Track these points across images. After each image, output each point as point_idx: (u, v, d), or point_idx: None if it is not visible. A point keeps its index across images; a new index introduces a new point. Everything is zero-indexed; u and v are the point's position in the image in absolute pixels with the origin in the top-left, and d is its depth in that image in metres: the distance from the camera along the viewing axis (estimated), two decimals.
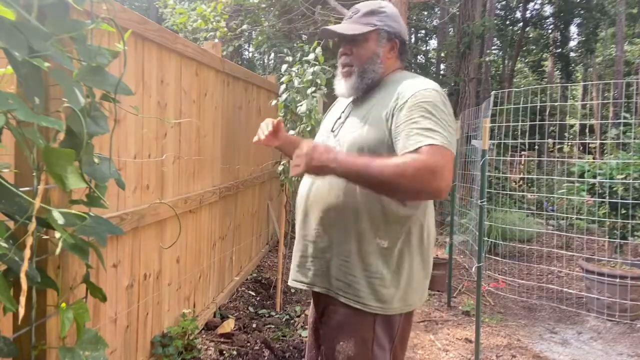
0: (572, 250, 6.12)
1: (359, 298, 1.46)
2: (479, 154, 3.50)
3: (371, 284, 1.45)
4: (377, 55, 1.56)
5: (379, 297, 1.45)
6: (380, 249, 1.46)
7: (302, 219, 1.62)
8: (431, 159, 1.27)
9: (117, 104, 1.05)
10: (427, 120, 1.35)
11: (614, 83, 10.85)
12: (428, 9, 16.92)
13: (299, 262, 1.62)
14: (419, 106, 1.37)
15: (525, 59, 19.76)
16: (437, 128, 1.33)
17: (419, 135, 1.32)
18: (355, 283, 1.47)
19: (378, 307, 1.46)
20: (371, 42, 1.56)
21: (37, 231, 0.90)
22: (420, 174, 1.25)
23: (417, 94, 1.40)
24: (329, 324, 1.55)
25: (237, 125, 3.91)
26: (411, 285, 1.50)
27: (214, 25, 6.18)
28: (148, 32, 2.27)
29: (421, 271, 1.54)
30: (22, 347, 0.98)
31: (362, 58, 1.56)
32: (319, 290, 1.56)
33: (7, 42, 0.77)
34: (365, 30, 1.53)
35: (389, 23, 1.57)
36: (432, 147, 1.29)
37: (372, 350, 1.47)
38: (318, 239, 1.54)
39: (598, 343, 3.59)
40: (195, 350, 2.74)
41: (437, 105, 1.38)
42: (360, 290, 1.46)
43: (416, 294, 1.53)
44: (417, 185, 1.26)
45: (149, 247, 2.44)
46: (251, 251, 4.70)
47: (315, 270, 1.56)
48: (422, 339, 3.51)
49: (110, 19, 1.01)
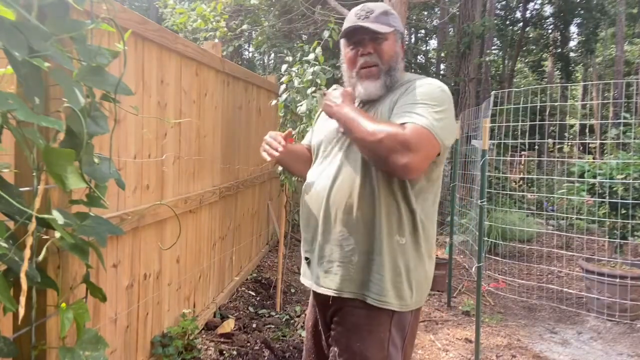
0: (572, 250, 6.12)
1: (382, 297, 1.46)
2: (479, 154, 3.50)
3: (393, 281, 1.47)
4: (398, 54, 1.59)
5: (399, 294, 1.47)
6: (400, 246, 1.48)
7: (323, 222, 1.56)
8: (408, 134, 1.32)
9: (117, 104, 1.05)
10: (421, 106, 1.39)
11: (614, 83, 10.85)
12: (428, 9, 16.92)
13: (327, 268, 1.55)
14: (420, 93, 1.43)
15: (525, 59, 19.77)
16: (427, 114, 1.37)
17: (407, 114, 1.38)
18: (380, 281, 1.46)
19: (397, 305, 1.47)
20: (391, 41, 1.57)
21: (37, 231, 0.90)
22: (390, 143, 1.31)
23: (421, 84, 1.46)
24: (343, 324, 1.53)
25: (237, 125, 3.91)
26: (422, 282, 1.53)
27: (214, 25, 6.18)
28: (148, 32, 2.27)
29: (429, 268, 1.56)
30: (22, 347, 0.98)
31: (386, 56, 1.55)
32: (347, 296, 1.51)
33: (7, 42, 0.77)
34: (390, 30, 1.55)
35: (399, 26, 1.60)
36: (415, 126, 1.34)
37: (387, 349, 1.47)
38: (344, 242, 1.51)
39: (598, 343, 3.59)
40: (195, 350, 2.74)
41: (435, 97, 1.42)
42: (384, 289, 1.46)
43: (425, 291, 1.56)
44: (382, 150, 1.33)
45: (149, 247, 2.44)
46: (251, 251, 4.70)
47: (343, 274, 1.51)
48: (422, 339, 3.51)
49: (110, 19, 1.01)
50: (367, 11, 1.57)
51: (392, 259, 1.47)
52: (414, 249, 1.50)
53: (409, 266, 1.49)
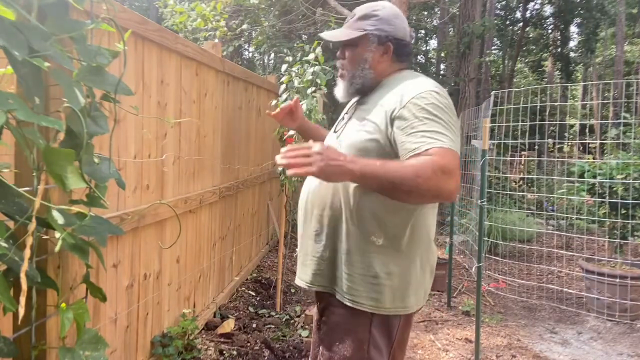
0: (572, 250, 6.12)
1: (355, 297, 1.46)
2: (479, 154, 3.50)
3: (367, 282, 1.45)
4: (365, 60, 1.56)
5: (374, 297, 1.45)
6: (377, 247, 1.45)
7: (302, 218, 1.63)
8: (443, 160, 1.26)
9: (117, 104, 1.05)
10: (432, 122, 1.33)
11: (614, 83, 10.85)
12: (428, 9, 16.91)
13: (302, 261, 1.63)
14: (422, 109, 1.36)
15: (525, 59, 19.77)
16: (443, 130, 1.32)
17: (425, 137, 1.30)
18: (352, 282, 1.46)
19: (373, 307, 1.45)
20: (360, 48, 1.56)
21: (37, 231, 0.90)
22: (436, 175, 1.24)
23: (419, 97, 1.38)
24: (327, 323, 1.56)
25: (237, 125, 3.91)
26: (408, 286, 1.48)
27: (214, 24, 6.18)
28: (148, 32, 2.27)
29: (419, 272, 1.51)
30: (22, 347, 0.98)
31: (352, 63, 1.58)
32: (317, 289, 1.58)
33: (7, 42, 0.77)
34: (353, 36, 1.54)
35: (380, 27, 1.55)
36: (442, 149, 1.28)
37: (367, 351, 1.46)
38: (316, 238, 1.55)
39: (598, 343, 3.59)
40: (195, 350, 2.74)
41: (439, 106, 1.37)
42: (356, 290, 1.45)
43: (414, 295, 1.50)
44: (433, 186, 1.24)
45: (149, 247, 2.44)
46: (251, 251, 4.70)
47: (315, 269, 1.56)
48: (422, 339, 3.51)
49: (110, 19, 1.01)
50: (351, 16, 1.60)
51: (365, 259, 1.45)
52: (396, 251, 1.46)
53: (388, 268, 1.45)
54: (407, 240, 1.47)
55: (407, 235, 1.47)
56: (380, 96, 1.51)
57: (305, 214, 1.61)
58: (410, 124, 1.35)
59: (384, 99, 1.48)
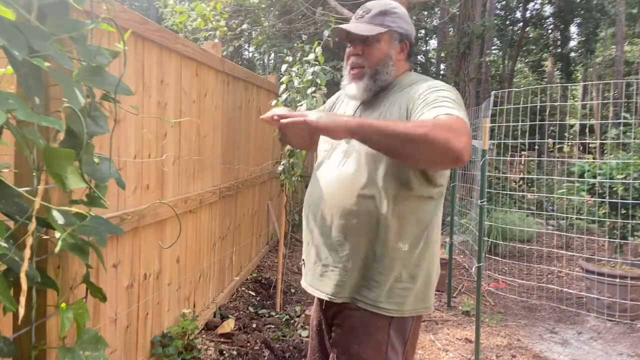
0: (572, 250, 6.12)
1: (378, 302, 1.45)
2: (479, 154, 3.50)
3: (391, 287, 1.45)
4: (390, 57, 1.52)
5: (397, 300, 1.45)
6: (402, 252, 1.44)
7: (320, 225, 1.54)
8: (452, 120, 1.24)
9: (117, 104, 1.05)
10: (444, 101, 1.33)
11: (614, 83, 10.85)
12: (428, 9, 16.92)
13: (320, 272, 1.55)
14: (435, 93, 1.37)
15: (525, 59, 19.77)
16: (456, 107, 1.31)
17: (437, 108, 1.30)
18: (376, 287, 1.45)
19: (395, 310, 1.45)
20: (383, 43, 1.52)
21: (37, 231, 0.90)
22: (442, 129, 1.20)
23: (430, 87, 1.40)
24: (342, 327, 1.52)
25: (237, 125, 3.91)
26: (427, 288, 1.51)
27: (214, 24, 6.18)
28: (148, 32, 2.27)
29: (434, 273, 1.54)
30: (22, 347, 0.98)
31: (374, 59, 1.51)
32: (340, 301, 1.50)
33: (7, 41, 0.77)
34: (379, 32, 1.49)
35: (401, 24, 1.54)
36: (451, 116, 1.26)
37: (386, 353, 1.46)
38: (339, 247, 1.49)
39: (598, 343, 3.59)
40: (195, 350, 2.74)
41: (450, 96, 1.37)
42: (379, 295, 1.44)
43: (429, 296, 1.53)
44: (440, 138, 1.18)
45: (149, 247, 2.44)
46: (251, 251, 4.70)
47: (338, 280, 1.50)
48: (422, 339, 3.51)
49: (110, 19, 1.01)
50: (365, 10, 1.55)
51: (392, 266, 1.44)
52: (417, 256, 1.46)
53: (412, 273, 1.46)
54: (425, 243, 1.48)
55: (425, 238, 1.48)
56: (395, 96, 1.50)
57: (323, 222, 1.52)
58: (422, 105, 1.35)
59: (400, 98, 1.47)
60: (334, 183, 1.50)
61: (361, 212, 1.44)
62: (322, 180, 1.55)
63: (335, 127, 1.27)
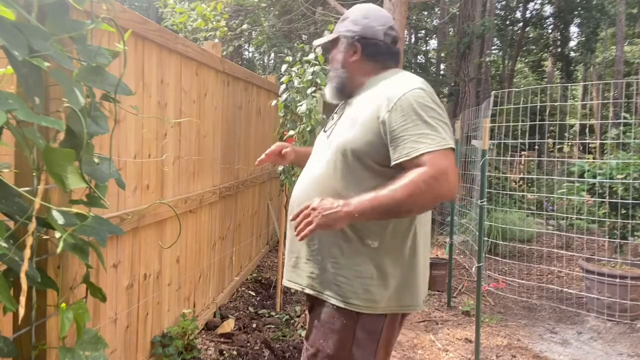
0: (572, 250, 6.11)
1: (346, 298, 1.47)
2: (479, 154, 3.50)
3: (361, 284, 1.46)
4: (338, 61, 1.63)
5: (366, 297, 1.46)
6: (372, 250, 1.46)
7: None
8: (434, 166, 1.32)
9: (117, 104, 1.05)
10: (419, 124, 1.37)
11: (614, 83, 10.85)
12: (428, 9, 16.91)
13: (293, 263, 1.62)
14: (408, 109, 1.38)
15: (525, 59, 19.77)
16: (430, 131, 1.36)
17: (414, 142, 1.35)
18: (344, 283, 1.47)
19: (364, 307, 1.46)
20: (334, 50, 1.65)
21: (37, 231, 0.90)
22: (429, 187, 1.31)
23: (405, 97, 1.40)
24: (313, 322, 1.57)
25: (237, 125, 3.91)
26: (402, 287, 1.49)
27: (214, 24, 6.18)
28: (148, 32, 2.27)
29: (412, 273, 1.52)
30: (22, 347, 0.98)
31: (330, 64, 1.68)
32: (310, 292, 1.57)
33: (7, 41, 0.77)
34: (326, 40, 1.67)
35: (349, 28, 1.61)
36: (431, 154, 1.33)
37: (350, 350, 1.47)
38: (310, 241, 1.54)
39: (598, 343, 3.59)
40: (195, 350, 2.74)
41: (425, 104, 1.39)
42: (348, 290, 1.46)
43: (409, 296, 1.51)
44: (430, 196, 1.33)
45: (149, 247, 2.44)
46: (251, 251, 4.70)
47: (309, 272, 1.56)
48: (422, 339, 3.51)
49: (110, 19, 1.01)
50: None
51: (360, 263, 1.46)
52: (392, 253, 1.48)
53: (384, 270, 1.47)
54: (401, 242, 1.49)
55: (401, 236, 1.48)
56: (365, 97, 1.54)
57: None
58: (397, 129, 1.38)
59: (368, 100, 1.51)
60: (308, 180, 1.59)
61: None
62: (301, 177, 1.64)
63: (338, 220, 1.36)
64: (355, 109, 1.55)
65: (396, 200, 1.32)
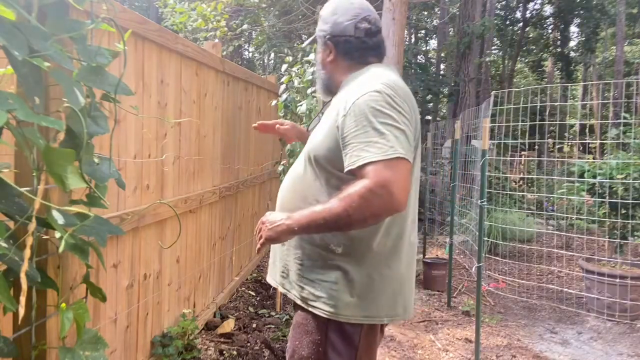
0: (572, 250, 6.12)
1: (312, 302, 1.45)
2: (479, 154, 3.50)
3: (323, 288, 1.43)
4: (319, 62, 1.61)
5: (331, 303, 1.41)
6: (336, 256, 1.41)
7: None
8: (373, 179, 1.23)
9: (117, 104, 1.05)
10: (368, 130, 1.28)
11: (614, 83, 10.85)
12: (428, 9, 16.91)
13: (273, 260, 1.66)
14: (360, 115, 1.30)
15: (525, 59, 19.77)
16: (378, 138, 1.26)
17: (360, 150, 1.27)
18: (307, 285, 1.46)
19: (329, 313, 1.41)
20: (319, 50, 1.61)
21: (37, 231, 0.90)
22: (367, 200, 1.22)
23: (358, 101, 1.32)
24: (293, 322, 1.58)
25: (237, 125, 3.91)
26: (370, 296, 1.42)
27: (214, 24, 6.18)
28: (148, 32, 2.27)
29: (383, 282, 1.43)
30: (22, 347, 0.98)
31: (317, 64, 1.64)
32: (283, 291, 1.59)
33: (7, 41, 0.77)
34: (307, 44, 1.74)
35: (321, 27, 1.58)
36: (374, 165, 1.24)
37: (325, 353, 1.44)
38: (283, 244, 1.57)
39: (598, 343, 3.59)
40: (195, 350, 2.74)
41: (378, 109, 1.29)
42: (314, 294, 1.44)
43: (379, 306, 1.43)
44: (368, 211, 1.24)
45: (149, 247, 2.44)
46: (251, 251, 4.70)
47: (282, 270, 1.58)
48: (422, 339, 3.51)
49: (110, 19, 1.01)
50: None
51: (325, 266, 1.43)
52: (357, 260, 1.41)
53: (348, 276, 1.41)
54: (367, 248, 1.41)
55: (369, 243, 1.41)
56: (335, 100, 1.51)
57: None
58: (348, 135, 1.32)
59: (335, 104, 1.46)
60: (287, 183, 1.60)
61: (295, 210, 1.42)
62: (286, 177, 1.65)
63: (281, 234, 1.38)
64: (327, 112, 1.53)
65: (333, 214, 1.26)
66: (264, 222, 1.41)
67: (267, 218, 1.41)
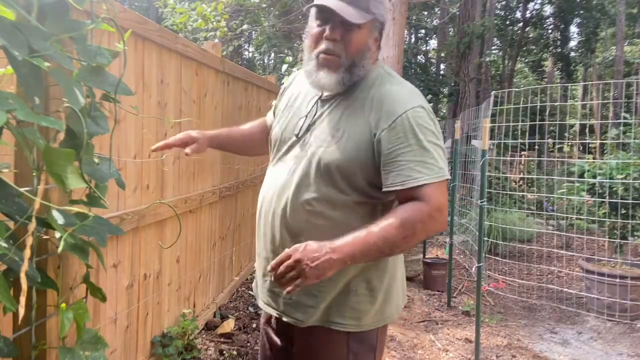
0: (572, 250, 6.11)
1: (335, 318, 1.34)
2: (479, 154, 3.50)
3: (345, 300, 1.34)
4: (368, 48, 1.32)
5: (356, 316, 1.35)
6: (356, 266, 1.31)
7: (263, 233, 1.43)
8: (430, 203, 1.21)
9: (117, 104, 1.05)
10: (416, 149, 1.23)
11: (614, 83, 10.84)
12: (428, 9, 16.92)
13: (270, 286, 1.42)
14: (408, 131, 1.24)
15: (525, 59, 19.78)
16: (428, 158, 1.23)
17: (411, 170, 1.22)
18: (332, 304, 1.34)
19: (352, 325, 1.35)
20: (365, 32, 1.29)
21: (37, 231, 0.90)
22: (426, 225, 1.22)
23: (405, 116, 1.24)
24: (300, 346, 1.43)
25: (237, 126, 3.91)
26: (389, 299, 1.40)
27: (214, 24, 6.18)
28: (148, 32, 2.27)
29: (398, 282, 1.44)
30: (22, 347, 0.98)
31: (353, 49, 1.29)
32: (288, 321, 1.39)
33: (7, 41, 0.77)
34: (368, 19, 1.27)
35: (382, 11, 1.32)
36: (429, 187, 1.21)
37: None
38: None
39: (598, 343, 3.59)
40: (195, 350, 2.74)
41: (425, 126, 1.25)
42: (336, 311, 1.34)
43: (395, 305, 1.44)
44: (424, 235, 1.26)
45: (149, 247, 2.44)
46: (251, 251, 4.70)
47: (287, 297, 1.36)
48: (422, 339, 3.51)
49: (110, 19, 1.01)
50: None
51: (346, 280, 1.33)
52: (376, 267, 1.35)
53: (371, 285, 1.35)
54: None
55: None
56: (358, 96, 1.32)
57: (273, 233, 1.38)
58: (394, 151, 1.23)
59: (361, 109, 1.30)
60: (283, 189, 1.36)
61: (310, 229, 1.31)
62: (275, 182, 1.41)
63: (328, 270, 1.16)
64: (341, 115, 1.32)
65: (390, 242, 1.19)
66: (299, 260, 1.12)
67: (305, 254, 1.13)
